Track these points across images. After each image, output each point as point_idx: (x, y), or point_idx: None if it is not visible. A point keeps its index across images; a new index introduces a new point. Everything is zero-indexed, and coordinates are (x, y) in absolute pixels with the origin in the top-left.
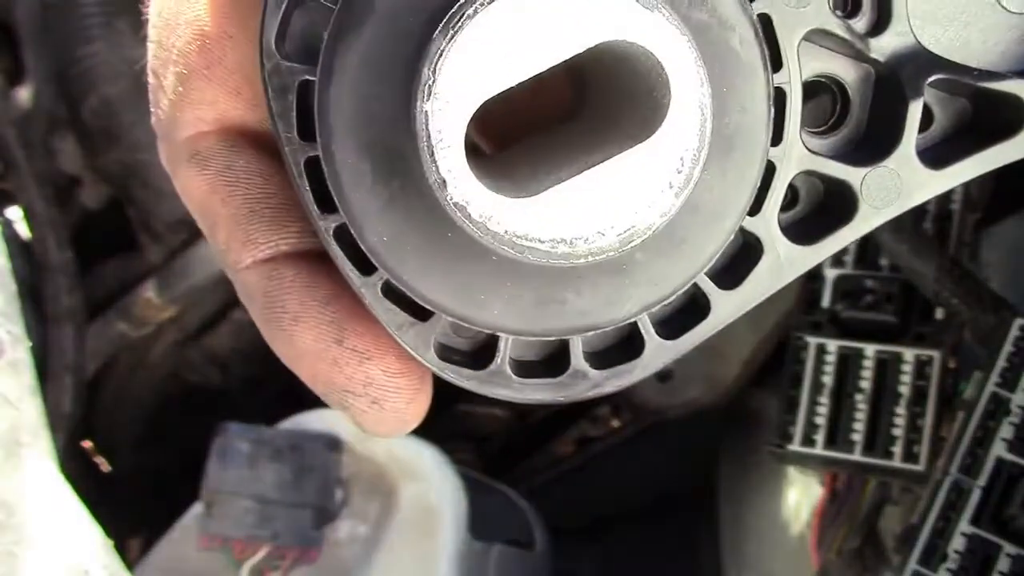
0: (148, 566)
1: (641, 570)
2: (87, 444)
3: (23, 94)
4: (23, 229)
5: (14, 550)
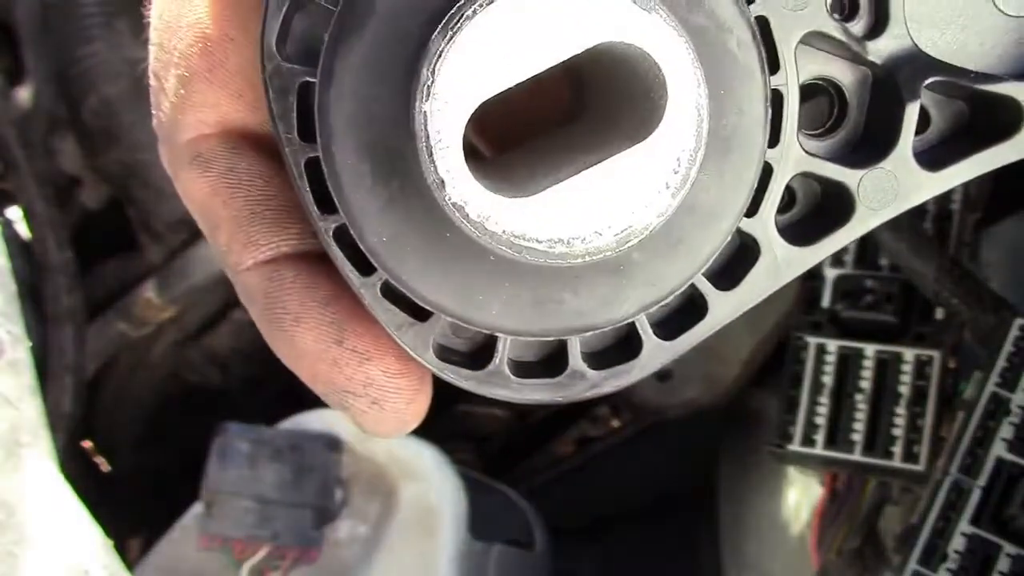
0: (148, 566)
1: (641, 570)
2: (87, 444)
3: (23, 94)
4: (23, 229)
5: (14, 550)
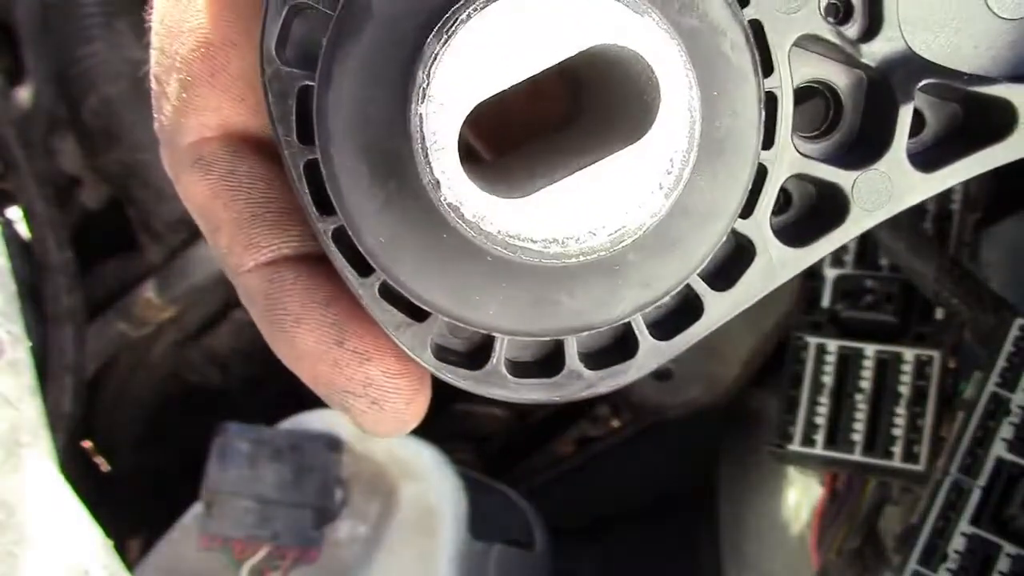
0: (148, 566)
1: (641, 570)
2: (87, 444)
3: (23, 94)
4: (23, 229)
5: (14, 550)
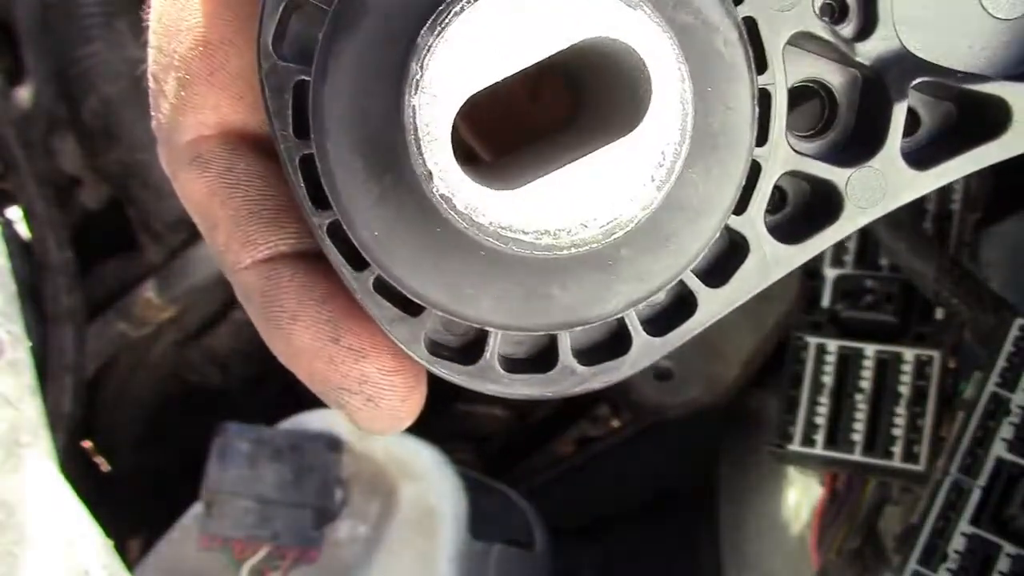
0: (148, 566)
1: (641, 570)
2: (87, 444)
3: (23, 94)
4: (23, 229)
5: (14, 550)
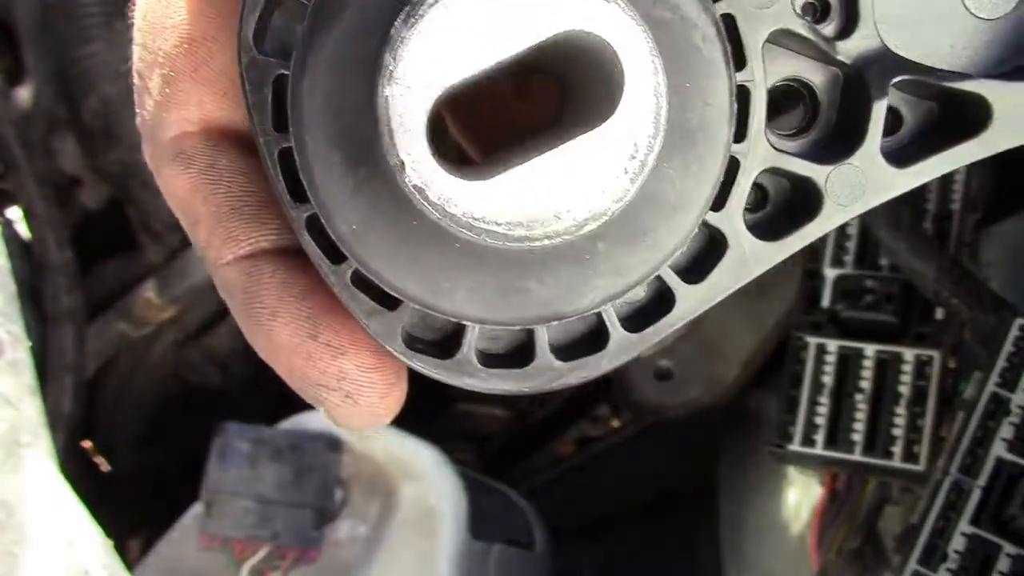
0: (148, 566)
1: (641, 570)
2: (87, 444)
3: (23, 94)
4: (23, 229)
5: (14, 550)
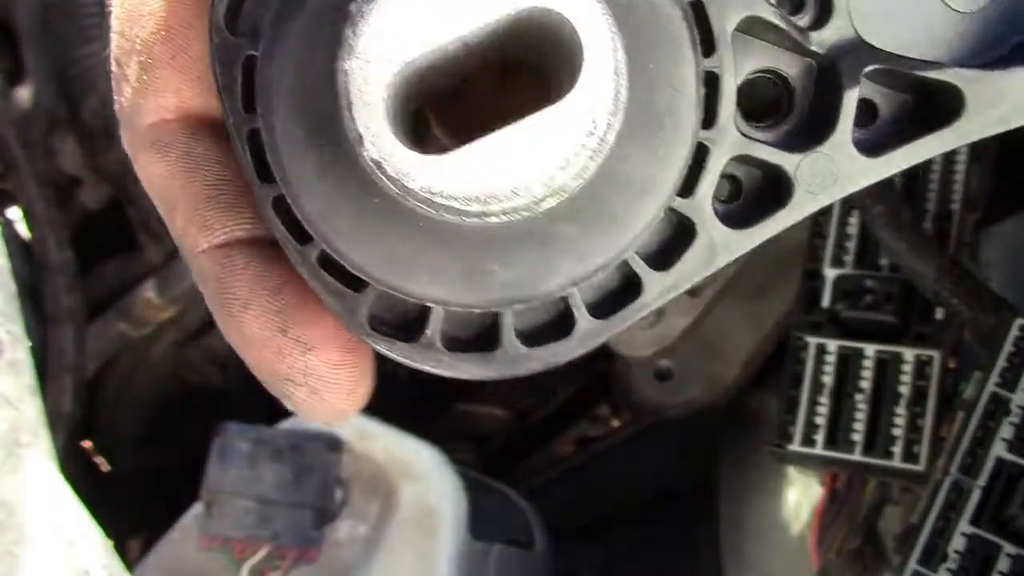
0: (148, 566)
1: (641, 570)
2: (87, 444)
3: (23, 94)
4: (23, 229)
5: (14, 550)
